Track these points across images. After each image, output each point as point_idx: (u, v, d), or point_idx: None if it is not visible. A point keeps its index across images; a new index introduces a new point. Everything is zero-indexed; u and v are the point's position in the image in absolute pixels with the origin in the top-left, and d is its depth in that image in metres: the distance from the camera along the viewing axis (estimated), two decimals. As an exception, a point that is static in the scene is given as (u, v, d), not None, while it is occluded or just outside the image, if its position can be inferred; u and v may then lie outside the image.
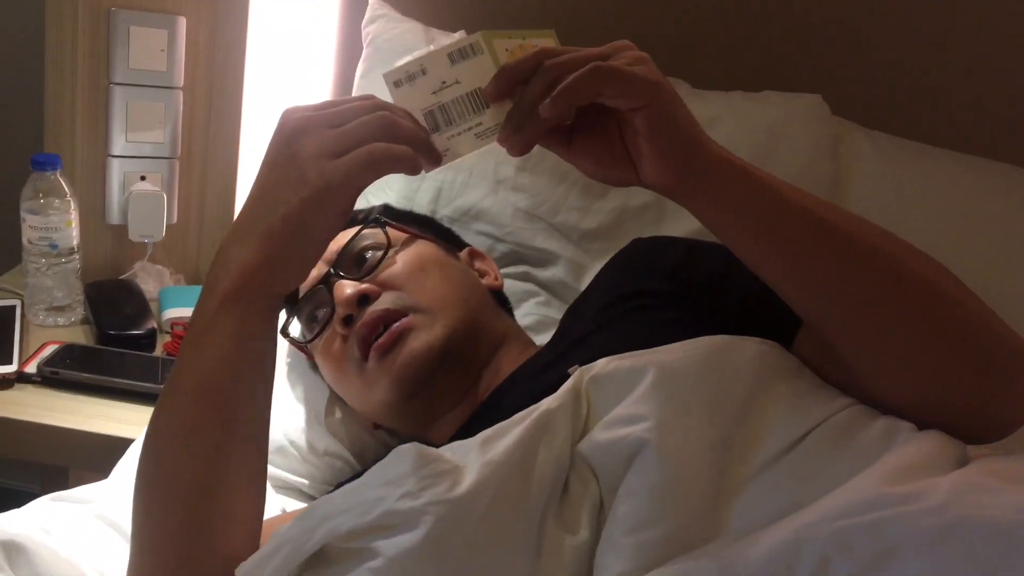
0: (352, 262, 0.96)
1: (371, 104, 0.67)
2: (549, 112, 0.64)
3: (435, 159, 0.67)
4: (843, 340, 0.71)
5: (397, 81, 0.68)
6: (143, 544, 0.69)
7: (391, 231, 0.98)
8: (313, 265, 0.70)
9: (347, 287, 0.91)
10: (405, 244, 0.98)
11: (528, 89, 0.65)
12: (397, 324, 0.89)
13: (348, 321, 0.92)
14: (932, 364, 0.69)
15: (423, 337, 0.89)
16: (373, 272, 0.94)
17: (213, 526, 0.68)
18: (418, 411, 0.93)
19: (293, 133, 0.66)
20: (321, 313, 0.96)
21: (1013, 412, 0.70)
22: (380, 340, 0.89)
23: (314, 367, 1.06)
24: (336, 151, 0.64)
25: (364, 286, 0.92)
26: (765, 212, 0.69)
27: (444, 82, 0.67)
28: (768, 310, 0.76)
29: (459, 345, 0.90)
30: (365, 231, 0.97)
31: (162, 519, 0.68)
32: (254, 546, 0.70)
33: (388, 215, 1.03)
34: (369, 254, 0.96)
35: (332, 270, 0.95)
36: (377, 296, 0.92)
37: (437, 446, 0.96)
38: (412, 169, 0.66)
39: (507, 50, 0.67)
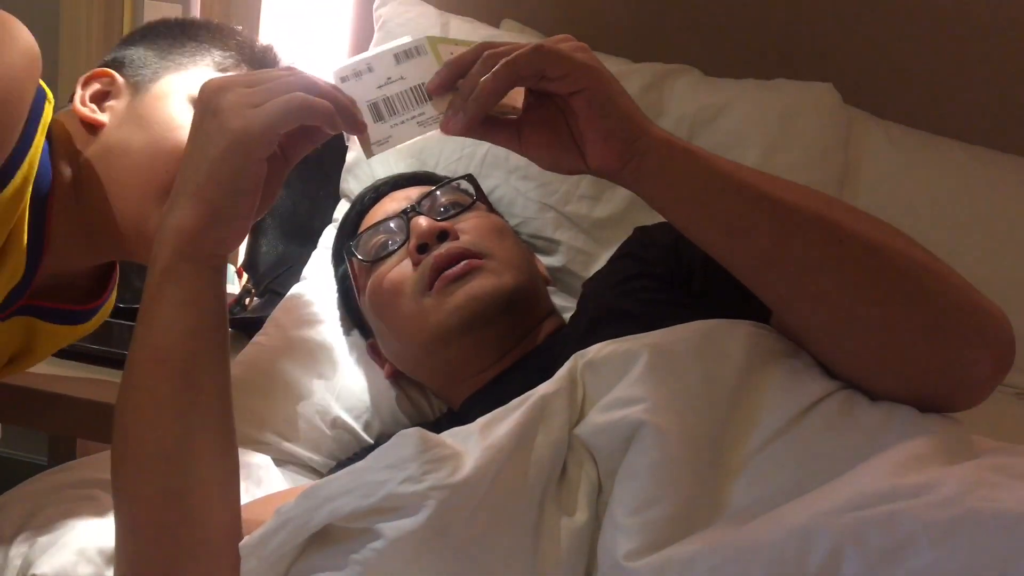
0: (432, 208, 1.01)
1: (290, 70, 0.69)
2: (490, 84, 0.65)
3: (356, 126, 0.68)
4: (793, 312, 0.72)
5: (344, 77, 0.69)
6: (123, 519, 0.70)
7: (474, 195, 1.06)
8: (247, 218, 0.70)
9: (428, 220, 0.97)
10: (484, 210, 1.05)
11: (470, 73, 0.66)
12: (473, 260, 0.94)
13: (422, 250, 0.96)
14: (877, 327, 0.68)
15: (493, 280, 0.93)
16: (454, 219, 1.00)
17: (186, 494, 0.69)
18: (459, 355, 0.95)
19: (214, 92, 0.67)
20: (393, 242, 1.01)
21: (976, 375, 0.68)
22: (453, 270, 0.93)
23: (345, 301, 1.11)
24: (255, 102, 0.66)
25: (446, 224, 0.97)
26: (704, 188, 0.69)
27: (389, 78, 0.68)
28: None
29: (520, 301, 0.95)
30: (449, 186, 1.04)
31: (136, 491, 0.69)
32: (231, 512, 0.71)
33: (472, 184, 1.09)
34: (451, 207, 1.02)
35: (413, 206, 1.00)
36: (456, 238, 0.96)
37: (455, 404, 0.99)
38: (331, 123, 0.67)
39: (450, 53, 0.69)
